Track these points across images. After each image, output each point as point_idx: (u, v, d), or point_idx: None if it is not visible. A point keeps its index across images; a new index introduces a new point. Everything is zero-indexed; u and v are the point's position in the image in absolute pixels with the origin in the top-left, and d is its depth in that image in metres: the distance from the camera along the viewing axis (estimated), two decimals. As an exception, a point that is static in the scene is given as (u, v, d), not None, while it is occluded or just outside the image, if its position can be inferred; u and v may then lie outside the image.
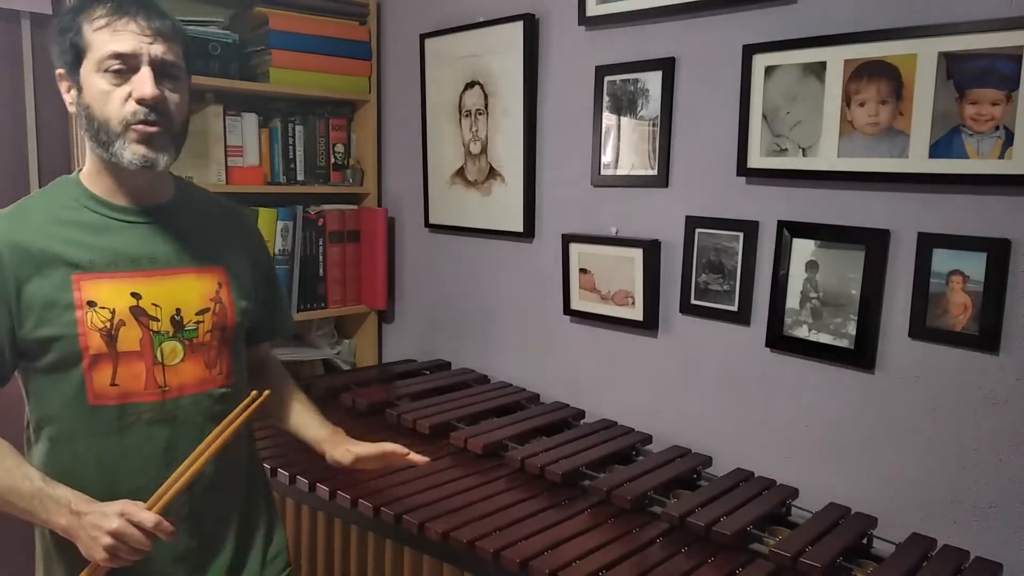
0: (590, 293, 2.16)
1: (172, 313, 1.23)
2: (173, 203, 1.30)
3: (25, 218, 1.21)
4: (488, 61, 2.35)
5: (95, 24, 1.15)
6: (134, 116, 1.15)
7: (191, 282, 1.26)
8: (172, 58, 1.18)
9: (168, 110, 1.18)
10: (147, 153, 1.17)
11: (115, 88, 1.15)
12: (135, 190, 1.25)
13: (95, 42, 1.15)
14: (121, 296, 1.19)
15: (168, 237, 1.26)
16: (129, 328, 1.19)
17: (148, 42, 1.15)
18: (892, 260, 1.61)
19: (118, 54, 1.14)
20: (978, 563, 1.47)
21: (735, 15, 1.81)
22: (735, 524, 1.52)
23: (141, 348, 1.20)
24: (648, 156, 2.00)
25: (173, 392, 1.23)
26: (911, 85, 1.54)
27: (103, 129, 1.16)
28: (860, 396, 1.68)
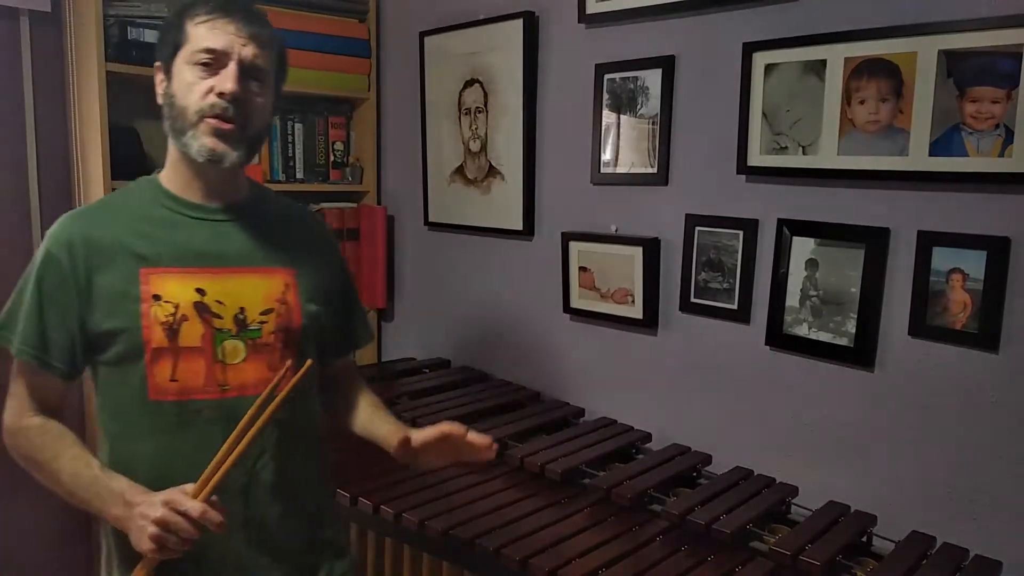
0: (590, 291, 2.15)
1: (236, 312, 1.22)
2: (246, 203, 1.30)
3: (101, 213, 1.24)
4: (488, 59, 2.35)
5: (196, 20, 1.19)
6: (211, 108, 1.17)
7: (257, 282, 1.25)
8: (261, 63, 1.21)
9: (247, 110, 1.19)
10: (215, 147, 1.18)
11: (200, 80, 1.17)
12: (208, 186, 1.25)
13: (192, 36, 1.19)
14: (186, 291, 1.19)
15: (237, 236, 1.26)
16: (192, 323, 1.19)
17: (241, 43, 1.18)
18: (892, 258, 1.61)
19: (210, 49, 1.17)
20: (977, 561, 1.47)
21: (735, 13, 1.81)
22: (735, 522, 1.53)
23: (202, 344, 1.19)
24: (648, 154, 2.00)
25: (233, 391, 1.21)
26: (911, 83, 1.54)
27: (180, 117, 1.19)
28: (860, 394, 1.68)
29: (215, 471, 1.11)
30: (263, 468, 1.23)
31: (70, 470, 1.17)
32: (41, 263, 1.21)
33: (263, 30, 1.22)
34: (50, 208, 2.42)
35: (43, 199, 2.41)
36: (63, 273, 1.18)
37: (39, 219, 2.40)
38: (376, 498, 1.66)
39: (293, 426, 1.26)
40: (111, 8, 2.23)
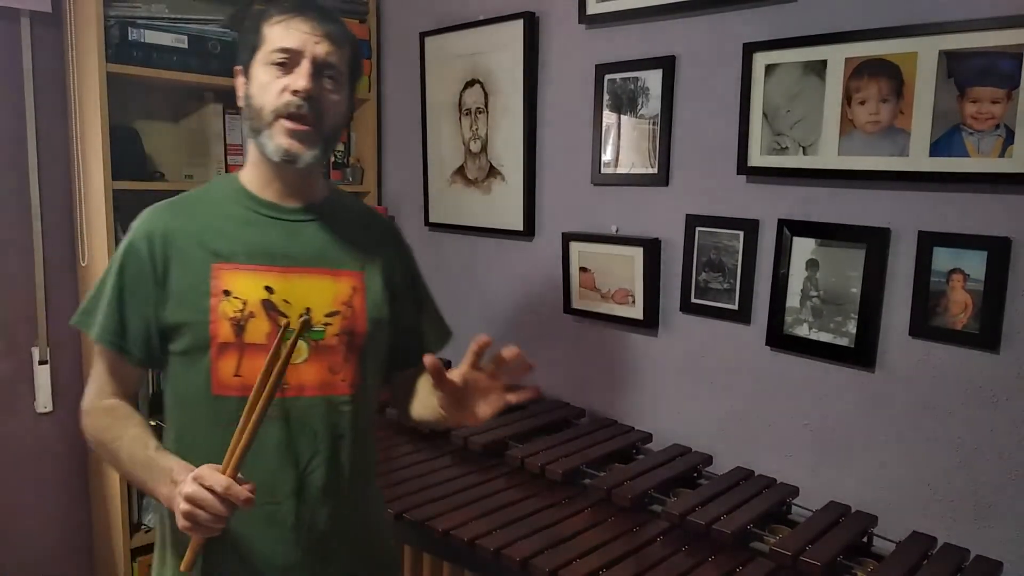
0: (590, 292, 2.15)
1: (301, 311, 1.22)
2: (321, 205, 1.30)
3: (181, 208, 1.27)
4: (488, 59, 2.35)
5: (271, 22, 1.22)
6: (286, 107, 1.18)
7: (325, 284, 1.26)
8: (335, 60, 1.22)
9: (322, 108, 1.20)
10: (290, 147, 1.19)
11: (275, 80, 1.19)
12: (285, 186, 1.27)
13: (268, 37, 1.21)
14: (255, 288, 1.21)
15: (310, 237, 1.27)
16: (258, 320, 1.20)
17: (315, 41, 1.19)
18: (892, 258, 1.61)
19: (284, 48, 1.19)
20: (978, 561, 1.47)
21: (735, 13, 1.81)
22: (735, 523, 1.53)
23: (267, 342, 1.19)
24: (648, 154, 2.00)
25: (292, 391, 1.21)
26: (912, 83, 1.54)
27: (256, 117, 1.21)
28: (860, 395, 1.68)
29: (235, 446, 1.10)
30: (315, 470, 1.23)
31: (128, 450, 1.18)
32: (123, 253, 1.23)
33: (336, 28, 1.23)
34: (50, 208, 2.42)
35: (43, 199, 2.41)
36: (143, 264, 1.21)
37: (39, 219, 2.40)
38: (377, 498, 1.66)
39: (348, 430, 1.26)
40: (112, 9, 2.23)
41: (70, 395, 2.50)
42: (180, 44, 2.34)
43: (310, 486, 1.23)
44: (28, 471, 2.44)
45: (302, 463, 1.22)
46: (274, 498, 1.21)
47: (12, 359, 2.40)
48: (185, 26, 2.36)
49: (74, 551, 2.57)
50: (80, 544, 2.58)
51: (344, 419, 1.25)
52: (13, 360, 2.40)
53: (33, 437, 2.44)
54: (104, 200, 2.21)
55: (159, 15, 2.33)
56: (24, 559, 2.47)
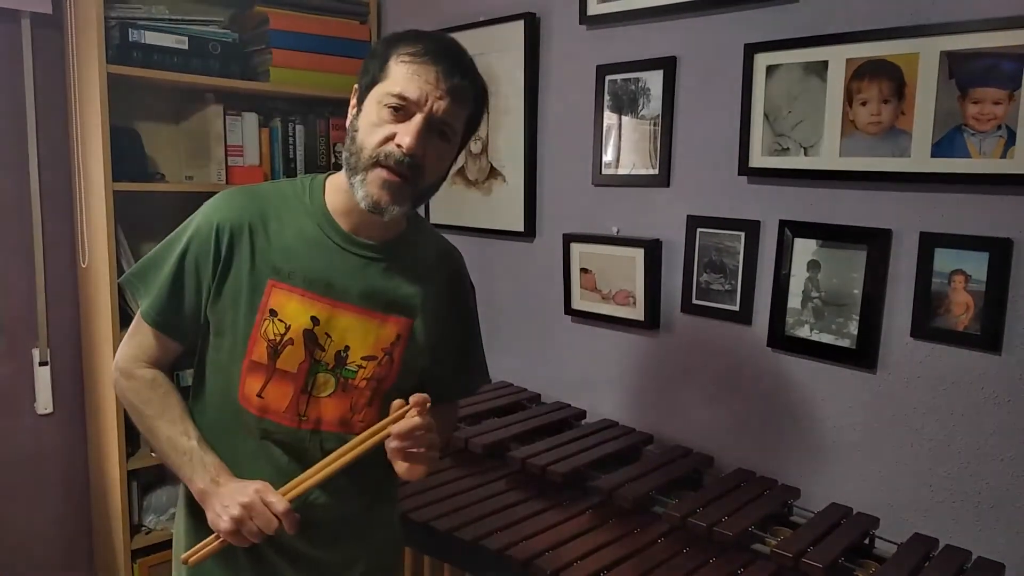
0: (591, 293, 2.15)
1: (340, 348, 1.20)
2: (395, 243, 1.25)
3: (261, 205, 1.22)
4: (489, 60, 2.35)
5: (400, 58, 1.14)
6: (386, 158, 1.12)
7: (371, 327, 1.22)
8: (452, 120, 1.15)
9: (422, 166, 1.14)
10: (380, 199, 1.14)
11: (385, 124, 1.13)
12: (365, 223, 1.22)
13: (391, 74, 1.14)
14: (302, 316, 1.18)
15: (371, 275, 1.23)
16: (295, 349, 1.18)
17: (437, 96, 1.12)
18: (894, 260, 1.61)
19: (403, 96, 1.12)
20: (980, 563, 1.46)
21: (736, 14, 1.81)
22: (737, 524, 1.52)
23: (297, 372, 1.19)
24: (649, 155, 2.00)
25: (309, 424, 1.21)
26: (913, 84, 1.54)
27: (356, 155, 1.15)
28: (862, 396, 1.68)
29: (302, 482, 1.15)
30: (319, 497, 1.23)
31: (168, 433, 1.20)
32: (191, 237, 1.20)
33: (464, 84, 1.15)
34: (51, 210, 2.42)
35: (44, 201, 2.41)
36: (207, 253, 1.19)
37: (40, 220, 2.40)
38: (378, 500, 1.66)
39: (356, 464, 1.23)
40: (112, 10, 2.23)
41: (70, 396, 2.50)
42: (181, 45, 2.34)
43: (311, 516, 1.21)
44: (28, 472, 2.44)
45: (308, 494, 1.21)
46: None
47: (12, 361, 2.40)
48: (185, 27, 2.36)
49: (74, 552, 2.57)
50: (81, 545, 2.58)
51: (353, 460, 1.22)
52: (13, 362, 2.40)
53: (34, 438, 2.44)
54: (104, 201, 2.21)
55: (159, 16, 2.33)
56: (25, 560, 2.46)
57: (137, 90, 2.40)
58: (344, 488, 1.25)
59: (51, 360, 2.44)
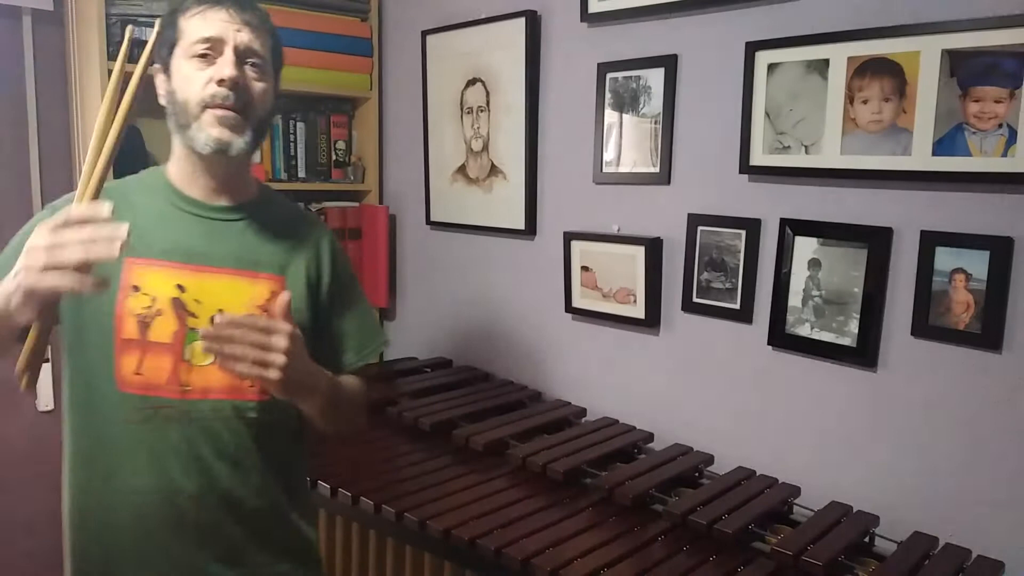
0: (592, 291, 2.15)
1: (213, 312, 1.18)
2: (250, 204, 1.28)
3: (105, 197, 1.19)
4: (490, 58, 2.35)
5: (188, 14, 1.19)
6: (212, 98, 1.16)
7: (242, 286, 1.22)
8: (258, 47, 1.20)
9: (249, 96, 1.19)
10: (220, 135, 1.17)
11: (199, 72, 1.17)
12: (213, 183, 1.24)
13: (186, 30, 1.19)
14: (166, 286, 1.18)
15: (232, 236, 1.24)
16: (165, 319, 1.17)
17: (235, 29, 1.18)
18: (895, 258, 1.61)
19: (205, 38, 1.17)
20: (980, 561, 1.46)
21: (737, 12, 1.81)
22: (737, 522, 1.52)
23: (172, 341, 1.17)
24: (650, 153, 2.00)
25: (195, 393, 1.19)
26: (914, 82, 1.54)
27: (183, 111, 1.18)
28: (862, 394, 1.68)
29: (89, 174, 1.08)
30: (221, 474, 1.20)
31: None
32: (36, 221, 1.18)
33: (255, 16, 1.22)
34: (52, 207, 2.42)
35: (45, 197, 2.41)
36: None
37: (41, 218, 2.40)
38: (377, 497, 1.66)
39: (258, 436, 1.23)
40: (113, 7, 2.23)
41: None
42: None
43: (214, 490, 1.20)
44: (30, 469, 2.44)
45: (204, 467, 1.19)
46: (175, 499, 1.19)
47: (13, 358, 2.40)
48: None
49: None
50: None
51: (253, 425, 1.22)
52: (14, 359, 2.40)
53: (35, 435, 2.44)
54: (105, 198, 2.20)
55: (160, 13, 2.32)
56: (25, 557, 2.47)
57: (138, 87, 2.40)
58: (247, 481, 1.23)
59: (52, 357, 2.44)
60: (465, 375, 2.44)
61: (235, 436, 1.22)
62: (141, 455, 1.18)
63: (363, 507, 1.67)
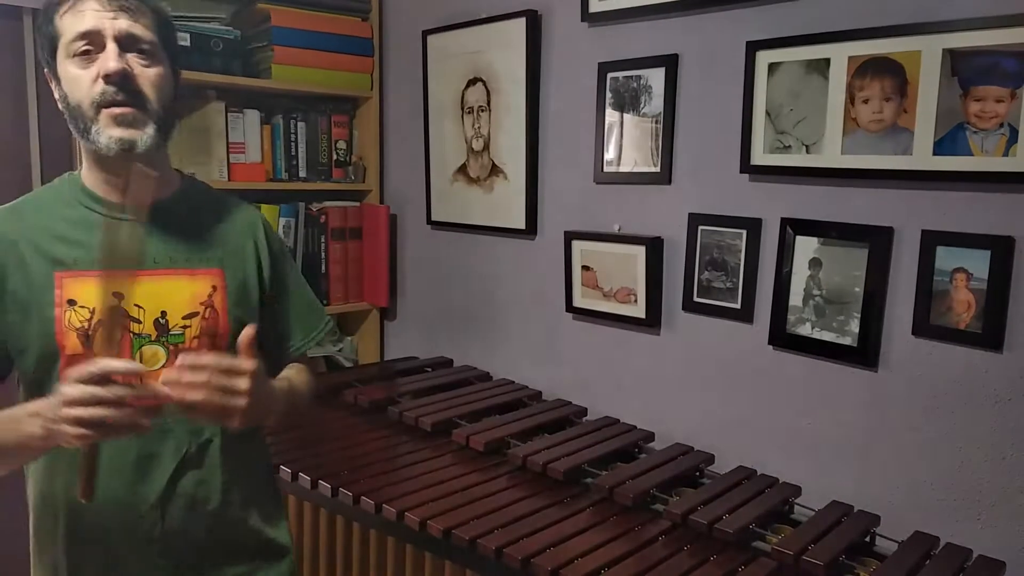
0: (592, 290, 2.15)
1: (156, 316, 1.16)
2: (172, 200, 1.23)
3: (19, 214, 1.18)
4: (491, 57, 2.35)
5: (61, 11, 1.12)
6: (103, 96, 1.10)
7: (182, 284, 1.19)
8: (140, 32, 1.13)
9: (139, 87, 1.11)
10: (122, 134, 1.10)
11: (83, 71, 1.11)
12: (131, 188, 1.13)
13: (62, 28, 1.12)
14: (102, 295, 1.11)
15: (162, 235, 1.19)
16: (107, 329, 1.11)
17: (111, 17, 1.10)
18: (896, 258, 1.61)
19: (81, 34, 1.10)
20: (981, 561, 1.46)
21: (738, 11, 1.81)
22: (737, 522, 1.52)
23: (120, 351, 1.12)
24: (651, 153, 2.00)
25: (150, 399, 1.10)
26: (915, 82, 1.54)
27: (78, 115, 1.12)
28: (863, 394, 1.68)
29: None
30: (181, 478, 1.19)
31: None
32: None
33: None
34: (53, 206, 2.42)
35: (46, 197, 2.41)
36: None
37: (42, 217, 2.40)
38: (378, 497, 1.66)
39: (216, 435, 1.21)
40: (114, 6, 2.23)
41: (72, 393, 2.50)
42: (182, 42, 2.33)
43: (176, 496, 1.18)
44: (30, 469, 2.44)
45: (166, 473, 1.17)
46: (137, 511, 1.16)
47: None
48: (187, 24, 2.36)
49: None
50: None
51: (211, 427, 1.20)
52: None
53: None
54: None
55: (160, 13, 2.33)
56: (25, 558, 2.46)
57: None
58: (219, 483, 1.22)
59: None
60: (465, 374, 2.44)
61: (195, 436, 1.20)
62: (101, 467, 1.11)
63: (363, 507, 1.67)
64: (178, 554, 1.21)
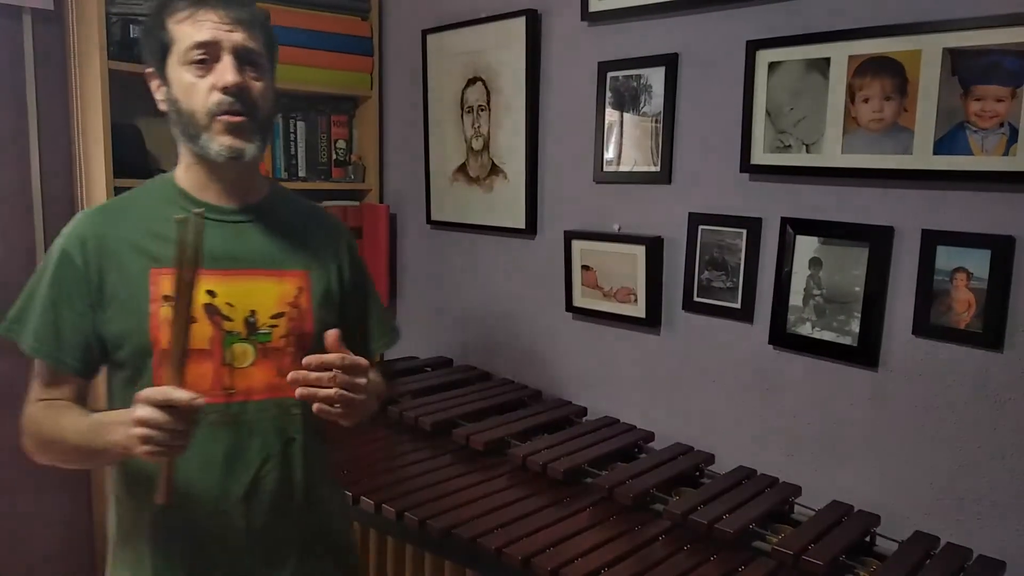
0: (592, 290, 2.15)
1: (246, 314, 1.19)
2: (264, 204, 1.27)
3: (116, 212, 1.23)
4: (490, 57, 2.35)
5: (177, 18, 1.16)
6: (218, 106, 1.15)
7: (270, 285, 1.23)
8: (254, 46, 1.18)
9: (252, 98, 1.17)
10: (233, 143, 1.16)
11: (199, 80, 1.15)
12: (225, 187, 1.23)
13: (178, 35, 1.16)
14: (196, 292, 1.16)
15: (253, 237, 1.24)
16: (201, 325, 1.16)
17: (228, 30, 1.15)
18: (896, 257, 1.61)
19: (199, 44, 1.14)
20: (981, 561, 1.46)
21: (738, 10, 1.81)
22: (737, 522, 1.52)
23: (211, 347, 1.17)
24: (651, 152, 2.00)
25: (239, 396, 1.19)
26: (915, 81, 1.53)
27: (190, 122, 1.17)
28: (863, 394, 1.67)
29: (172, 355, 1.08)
30: (266, 475, 1.21)
31: (72, 427, 1.14)
32: (56, 261, 1.19)
33: (245, 12, 1.19)
34: (52, 206, 2.42)
35: (45, 197, 2.41)
36: (77, 271, 1.17)
37: (41, 217, 2.40)
38: (378, 497, 1.66)
39: (299, 433, 1.24)
40: (113, 6, 2.23)
41: (72, 393, 2.50)
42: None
43: (261, 492, 1.21)
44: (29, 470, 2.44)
45: (252, 469, 1.20)
46: (224, 505, 1.19)
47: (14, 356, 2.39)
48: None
49: (75, 551, 2.58)
50: (81, 544, 2.59)
51: (295, 422, 1.23)
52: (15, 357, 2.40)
53: (35, 435, 2.44)
54: (106, 197, 2.20)
55: (161, 12, 2.33)
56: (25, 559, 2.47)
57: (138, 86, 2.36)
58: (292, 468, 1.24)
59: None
60: (465, 374, 2.44)
61: (280, 435, 1.23)
62: (192, 462, 1.15)
63: (364, 507, 1.67)
64: (261, 549, 1.23)
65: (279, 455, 1.22)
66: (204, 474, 1.18)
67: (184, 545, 1.20)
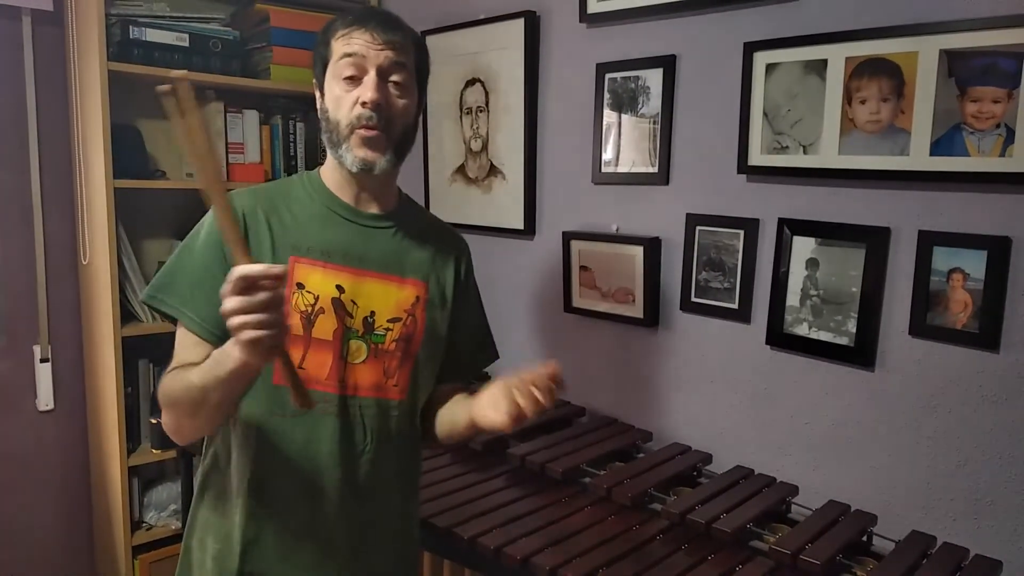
0: (591, 291, 2.16)
1: (366, 314, 1.26)
2: (395, 213, 1.35)
3: (262, 196, 1.29)
4: (489, 58, 2.35)
5: (337, 35, 1.26)
6: (358, 120, 1.22)
7: (391, 289, 1.30)
8: (400, 66, 1.25)
9: (390, 115, 1.24)
10: (365, 156, 1.23)
11: (346, 93, 1.23)
12: (363, 192, 1.31)
13: (334, 50, 1.25)
14: (327, 286, 1.24)
15: (382, 242, 1.31)
16: (327, 317, 1.23)
17: (378, 49, 1.23)
18: (893, 258, 1.62)
19: (348, 55, 1.22)
20: (978, 560, 1.47)
21: (736, 12, 1.81)
22: (735, 521, 1.53)
23: (333, 339, 1.24)
24: (649, 153, 2.00)
25: (348, 390, 1.25)
26: (912, 83, 1.54)
27: (334, 131, 1.25)
28: (860, 394, 1.68)
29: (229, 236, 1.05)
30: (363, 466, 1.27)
31: (196, 371, 1.12)
32: (210, 229, 1.22)
33: (397, 35, 1.26)
34: (51, 207, 2.42)
35: (45, 198, 2.41)
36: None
37: (40, 218, 2.40)
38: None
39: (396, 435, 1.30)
40: (113, 7, 2.24)
41: (71, 393, 2.50)
42: (181, 43, 2.34)
43: (356, 481, 1.26)
44: (29, 469, 2.45)
45: (352, 457, 1.26)
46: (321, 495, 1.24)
47: (13, 357, 2.41)
48: (186, 24, 2.36)
49: (75, 549, 2.58)
50: (81, 542, 2.59)
51: (393, 423, 1.30)
52: (14, 358, 2.41)
53: (34, 435, 2.45)
54: (105, 198, 2.21)
55: (160, 13, 2.34)
56: (25, 557, 2.47)
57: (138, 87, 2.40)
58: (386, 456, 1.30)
59: (52, 357, 2.44)
60: (464, 375, 2.44)
61: (376, 433, 1.28)
62: (295, 445, 1.23)
63: (362, 506, 1.67)
64: (352, 536, 1.28)
65: (375, 450, 1.28)
66: (317, 462, 1.23)
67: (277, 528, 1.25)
